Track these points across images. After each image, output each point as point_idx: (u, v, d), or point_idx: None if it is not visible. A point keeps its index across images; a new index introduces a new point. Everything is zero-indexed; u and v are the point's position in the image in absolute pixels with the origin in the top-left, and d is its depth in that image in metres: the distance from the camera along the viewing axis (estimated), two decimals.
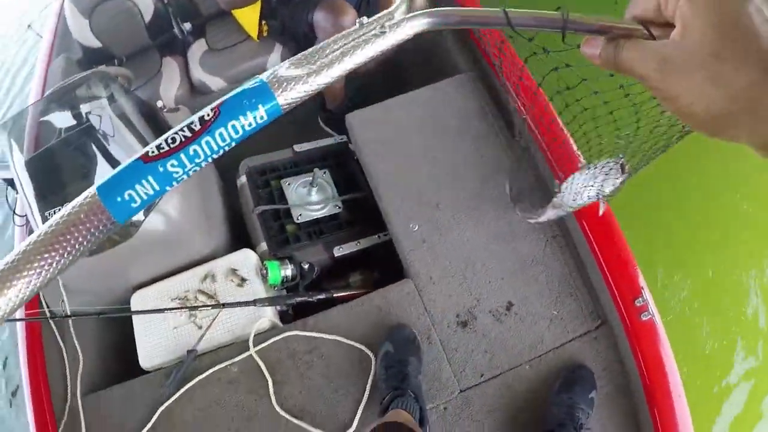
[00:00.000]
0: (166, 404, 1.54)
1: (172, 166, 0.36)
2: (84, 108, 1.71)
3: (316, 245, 1.55)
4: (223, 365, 1.51)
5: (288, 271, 1.50)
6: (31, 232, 1.85)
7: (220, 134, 0.37)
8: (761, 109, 0.32)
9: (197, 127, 0.36)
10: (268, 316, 1.50)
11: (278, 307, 1.53)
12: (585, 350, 1.48)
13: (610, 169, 1.26)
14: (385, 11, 0.42)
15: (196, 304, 1.54)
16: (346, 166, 1.70)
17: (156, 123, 1.68)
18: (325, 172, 1.64)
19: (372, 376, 1.44)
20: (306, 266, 1.48)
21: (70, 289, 1.70)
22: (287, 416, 1.45)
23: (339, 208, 1.63)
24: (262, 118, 0.38)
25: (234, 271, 1.55)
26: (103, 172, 1.58)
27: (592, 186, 1.31)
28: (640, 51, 0.37)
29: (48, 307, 1.80)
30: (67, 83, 1.79)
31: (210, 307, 1.50)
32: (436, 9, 0.43)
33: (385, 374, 1.40)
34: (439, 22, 0.43)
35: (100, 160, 1.60)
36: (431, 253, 1.52)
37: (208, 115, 0.36)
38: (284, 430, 1.47)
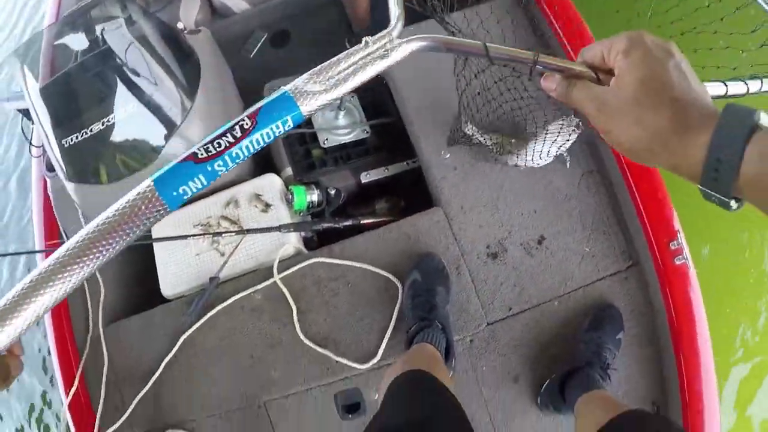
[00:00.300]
0: (188, 332, 1.53)
1: (218, 165, 0.43)
2: (99, 28, 1.64)
3: (342, 171, 1.49)
4: (246, 293, 1.49)
5: (314, 196, 1.45)
6: (48, 163, 1.81)
7: (256, 139, 0.44)
8: (670, 143, 0.42)
9: (239, 135, 0.44)
10: (292, 242, 1.46)
11: (303, 234, 1.49)
12: (615, 290, 1.44)
13: (561, 127, 1.28)
14: (386, 31, 0.50)
15: (218, 230, 1.50)
16: (375, 90, 1.62)
17: (177, 45, 1.61)
18: (353, 96, 1.57)
19: (398, 305, 1.41)
20: (332, 192, 1.43)
21: (89, 218, 1.66)
22: (311, 344, 1.43)
23: (367, 133, 1.56)
24: (288, 125, 0.45)
25: (258, 196, 1.50)
26: (122, 96, 1.53)
27: (552, 146, 1.33)
28: (586, 92, 0.47)
29: (67, 237, 1.78)
30: (82, 4, 1.72)
31: (233, 233, 1.46)
32: (428, 35, 0.51)
33: (411, 303, 1.36)
34: (429, 47, 0.51)
35: (119, 85, 1.54)
36: (463, 181, 1.46)
37: (247, 123, 0.44)
38: (308, 359, 1.45)
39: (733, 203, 0.42)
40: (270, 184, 1.50)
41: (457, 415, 0.92)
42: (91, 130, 1.49)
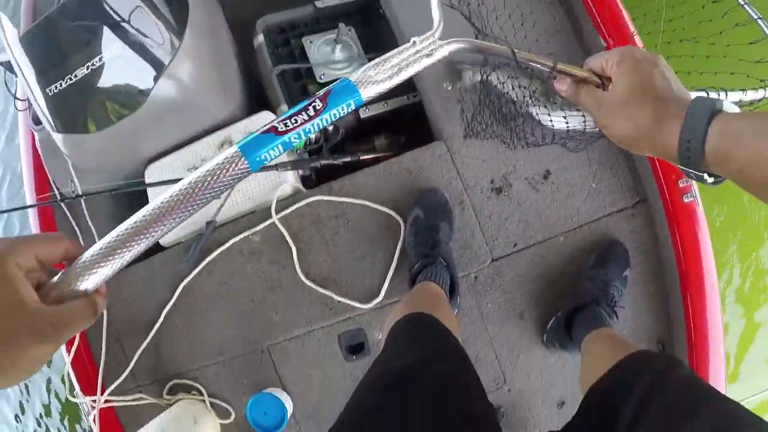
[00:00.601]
0: (187, 279, 1.50)
1: (294, 138, 0.52)
2: None
3: None
4: (244, 235, 1.45)
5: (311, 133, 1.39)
6: (34, 115, 1.75)
7: (325, 118, 0.53)
8: (654, 133, 0.51)
9: (312, 114, 0.52)
10: (290, 181, 1.41)
11: (300, 172, 1.44)
12: (621, 227, 1.40)
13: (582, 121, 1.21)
14: (430, 33, 0.60)
15: None
16: (373, 23, 1.55)
17: None
18: (350, 29, 1.51)
19: (401, 242, 1.38)
20: (330, 128, 1.38)
21: (80, 170, 1.61)
22: (312, 285, 1.40)
23: None
24: (351, 107, 0.54)
25: None
26: (107, 38, 1.45)
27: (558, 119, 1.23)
28: (590, 95, 0.58)
29: (58, 189, 1.73)
30: None
31: None
32: (464, 39, 0.61)
33: (414, 240, 1.32)
34: (466, 49, 0.61)
35: (103, 26, 1.47)
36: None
37: (319, 105, 0.52)
38: (309, 300, 1.42)
39: (708, 178, 0.50)
40: (265, 121, 1.44)
41: (459, 356, 0.89)
42: (75, 76, 1.42)
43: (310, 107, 0.52)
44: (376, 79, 0.55)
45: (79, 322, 0.44)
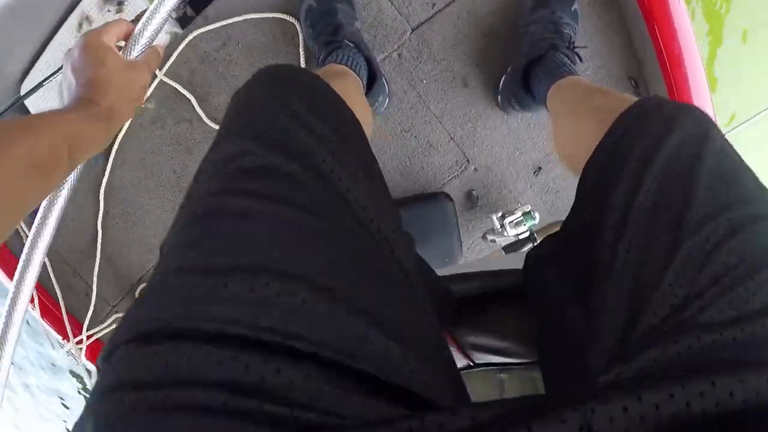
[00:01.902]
0: (105, 181, 1.35)
1: None
2: None
3: None
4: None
5: None
6: None
7: None
8: None
9: None
10: (164, 28, 1.21)
11: (173, 16, 1.24)
12: None
13: None
14: None
15: None
16: None
17: None
18: None
19: (302, 41, 1.18)
20: None
21: None
22: None
23: None
24: None
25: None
26: None
27: None
28: None
29: None
30: None
31: None
32: None
33: (313, 32, 1.13)
34: None
35: None
36: None
37: None
38: None
39: None
40: None
41: (348, 137, 0.52)
42: None
43: None
44: None
45: (156, 61, 0.71)
